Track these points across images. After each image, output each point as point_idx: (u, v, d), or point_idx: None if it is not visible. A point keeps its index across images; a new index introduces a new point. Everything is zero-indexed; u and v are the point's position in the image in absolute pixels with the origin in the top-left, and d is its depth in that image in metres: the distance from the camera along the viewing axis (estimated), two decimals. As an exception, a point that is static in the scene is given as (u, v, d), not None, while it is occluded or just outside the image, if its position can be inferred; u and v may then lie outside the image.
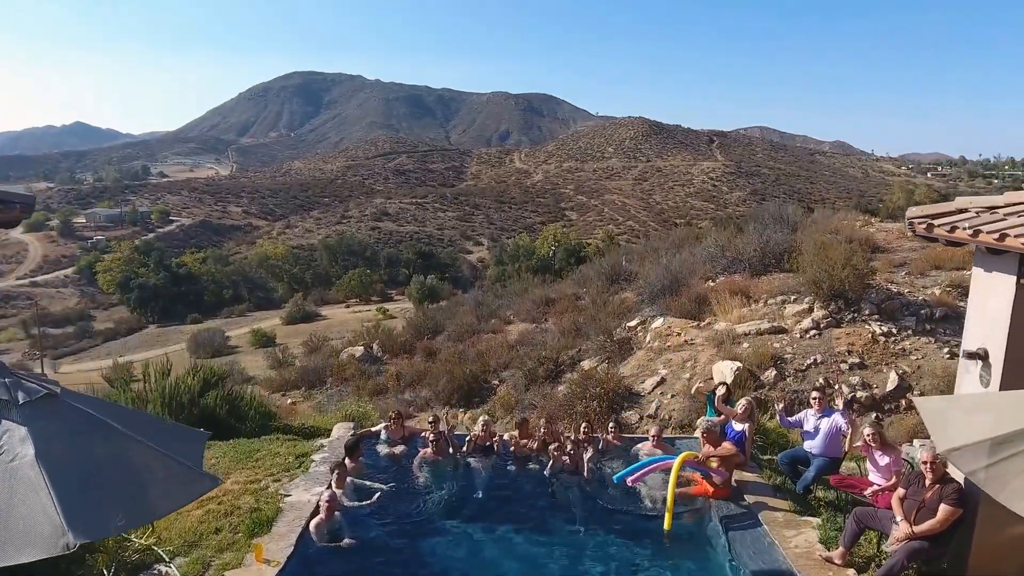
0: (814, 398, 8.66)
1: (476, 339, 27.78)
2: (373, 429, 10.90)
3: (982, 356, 6.20)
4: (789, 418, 9.00)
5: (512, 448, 10.02)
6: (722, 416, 9.67)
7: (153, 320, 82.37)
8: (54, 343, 69.44)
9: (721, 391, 10.10)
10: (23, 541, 4.08)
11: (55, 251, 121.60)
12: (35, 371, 54.28)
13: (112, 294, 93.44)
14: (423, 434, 10.02)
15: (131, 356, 58.43)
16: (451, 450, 9.83)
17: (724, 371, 15.33)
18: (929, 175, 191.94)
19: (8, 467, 4.37)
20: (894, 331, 16.09)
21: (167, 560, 7.03)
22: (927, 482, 6.37)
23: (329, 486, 8.48)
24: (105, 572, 6.45)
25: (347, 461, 8.92)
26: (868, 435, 7.72)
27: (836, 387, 14.44)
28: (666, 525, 7.58)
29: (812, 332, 16.43)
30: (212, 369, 13.47)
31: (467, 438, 10.06)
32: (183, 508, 6.62)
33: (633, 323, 20.65)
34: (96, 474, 4.62)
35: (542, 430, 10.16)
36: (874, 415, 14.21)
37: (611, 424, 10.32)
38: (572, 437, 9.78)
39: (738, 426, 9.35)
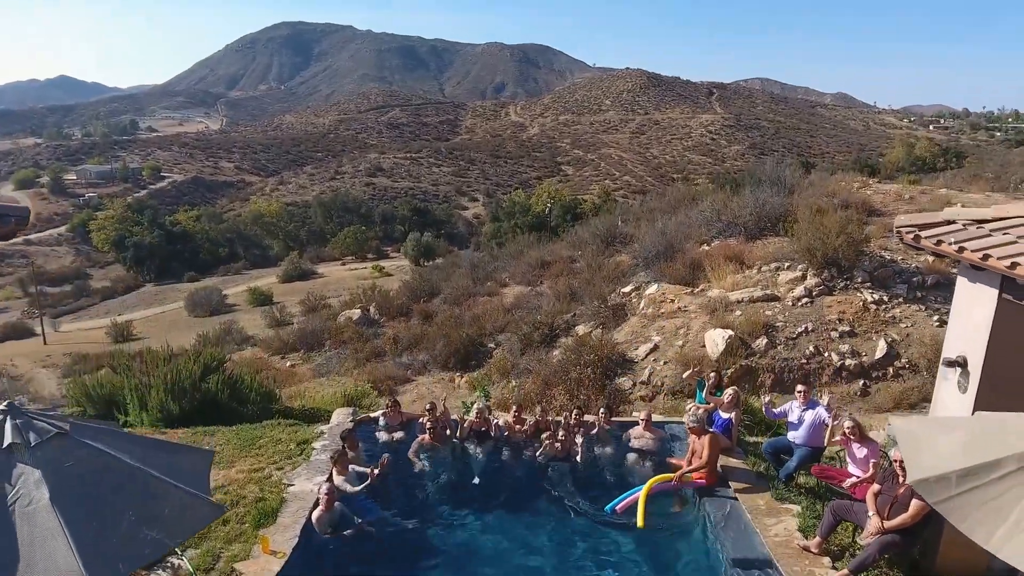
0: (799, 391, 8.97)
1: (472, 302, 28.02)
2: (371, 415, 11.10)
3: (961, 364, 6.40)
4: (774, 410, 9.32)
5: (507, 433, 10.27)
6: (710, 404, 9.95)
7: (150, 278, 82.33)
8: (52, 302, 69.47)
9: (711, 379, 10.42)
10: None
11: (47, 209, 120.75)
12: (35, 330, 54.61)
13: (107, 252, 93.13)
14: (420, 420, 10.21)
15: (130, 315, 58.68)
16: (447, 433, 10.08)
17: (716, 339, 15.61)
18: (931, 128, 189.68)
19: (25, 511, 4.51)
20: (885, 299, 16.33)
21: (179, 553, 7.23)
22: (900, 479, 6.63)
23: (329, 477, 8.68)
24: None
25: (346, 449, 9.15)
26: (847, 428, 8.05)
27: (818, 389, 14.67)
28: (639, 524, 7.88)
29: (804, 300, 16.65)
30: (212, 353, 13.67)
31: (458, 422, 10.26)
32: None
33: (627, 289, 20.85)
34: (110, 514, 4.77)
35: (536, 416, 10.39)
36: (861, 383, 14.57)
37: (602, 409, 10.55)
38: (563, 423, 10.02)
39: (725, 414, 9.66)
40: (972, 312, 6.32)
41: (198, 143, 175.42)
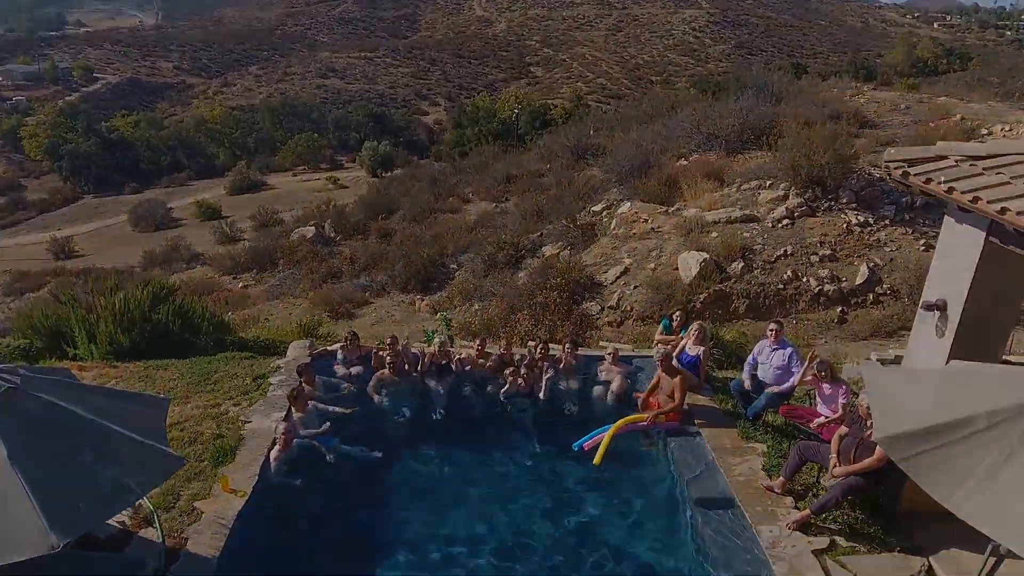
0: (771, 330, 9.01)
1: (433, 219, 27.73)
2: (329, 349, 11.04)
3: (940, 307, 6.39)
4: (748, 360, 9.35)
5: (469, 367, 10.25)
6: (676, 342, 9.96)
7: (88, 190, 79.98)
8: (-15, 215, 67.59)
9: (676, 318, 10.45)
10: (11, 544, 4.35)
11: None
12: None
13: (41, 162, 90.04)
14: (380, 354, 10.13)
15: (70, 229, 57.12)
16: (407, 367, 10.01)
17: (689, 263, 15.57)
18: (936, 25, 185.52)
19: None
20: (871, 220, 16.33)
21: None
22: (867, 422, 6.70)
23: (287, 415, 8.70)
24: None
25: (303, 384, 9.12)
26: (817, 368, 8.16)
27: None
28: (596, 460, 7.97)
29: (785, 221, 16.59)
30: (161, 282, 13.42)
31: (419, 355, 10.22)
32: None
33: (598, 207, 20.63)
34: (69, 469, 4.87)
35: (500, 350, 10.34)
36: (839, 309, 14.71)
37: (567, 344, 10.51)
38: (528, 357, 10.00)
39: (692, 351, 9.66)
40: (957, 254, 6.25)
41: (133, 40, 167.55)
